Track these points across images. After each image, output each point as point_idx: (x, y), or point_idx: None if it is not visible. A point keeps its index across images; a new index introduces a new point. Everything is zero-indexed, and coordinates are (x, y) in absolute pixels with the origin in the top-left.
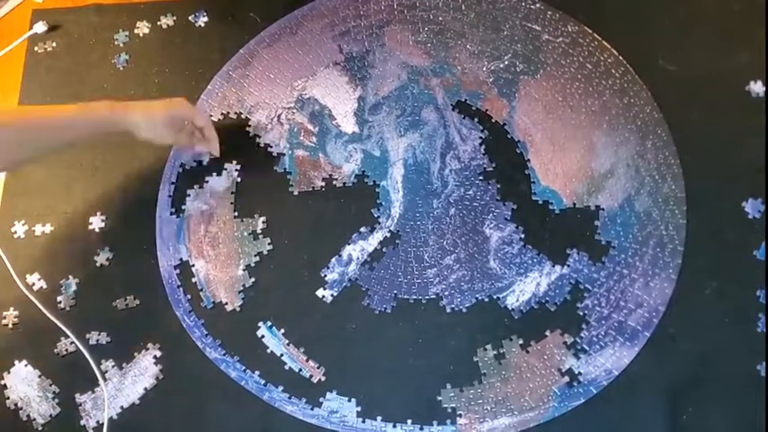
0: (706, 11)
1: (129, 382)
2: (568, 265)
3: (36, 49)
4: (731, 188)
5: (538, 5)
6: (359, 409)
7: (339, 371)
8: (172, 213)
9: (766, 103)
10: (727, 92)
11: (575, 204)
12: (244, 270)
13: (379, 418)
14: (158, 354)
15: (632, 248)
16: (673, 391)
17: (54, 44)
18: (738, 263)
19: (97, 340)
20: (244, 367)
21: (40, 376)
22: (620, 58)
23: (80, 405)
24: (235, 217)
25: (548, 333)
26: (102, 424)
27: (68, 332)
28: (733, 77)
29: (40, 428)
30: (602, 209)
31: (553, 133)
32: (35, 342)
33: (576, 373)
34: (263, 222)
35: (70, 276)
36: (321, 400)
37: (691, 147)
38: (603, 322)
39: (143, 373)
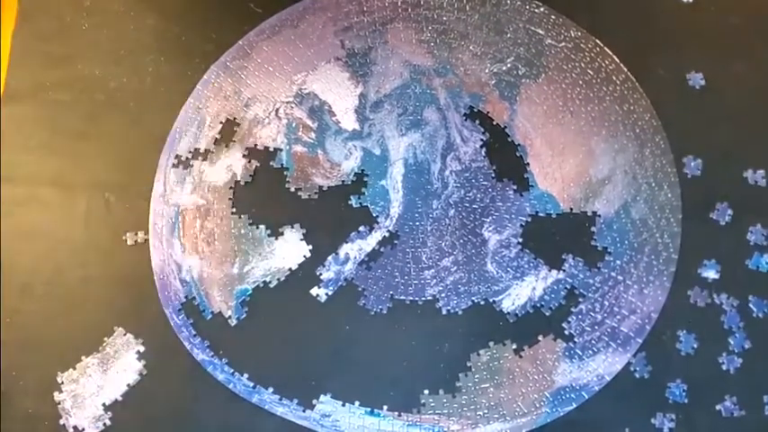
0: (706, 23)
1: (111, 378)
2: (564, 270)
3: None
4: (726, 197)
5: (542, 9)
6: (352, 413)
7: (332, 372)
8: (167, 206)
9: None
10: (725, 103)
11: (572, 209)
12: (239, 269)
13: (371, 423)
14: (141, 349)
15: (627, 255)
16: (663, 398)
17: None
18: (731, 272)
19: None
20: (232, 370)
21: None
22: (621, 65)
23: (59, 404)
24: (233, 213)
25: (541, 338)
26: (82, 429)
27: None
28: (730, 89)
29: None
30: (599, 215)
31: (553, 138)
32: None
33: (569, 378)
34: (260, 219)
35: (51, 263)
36: (314, 402)
37: (688, 156)
38: (597, 328)
39: (126, 368)
